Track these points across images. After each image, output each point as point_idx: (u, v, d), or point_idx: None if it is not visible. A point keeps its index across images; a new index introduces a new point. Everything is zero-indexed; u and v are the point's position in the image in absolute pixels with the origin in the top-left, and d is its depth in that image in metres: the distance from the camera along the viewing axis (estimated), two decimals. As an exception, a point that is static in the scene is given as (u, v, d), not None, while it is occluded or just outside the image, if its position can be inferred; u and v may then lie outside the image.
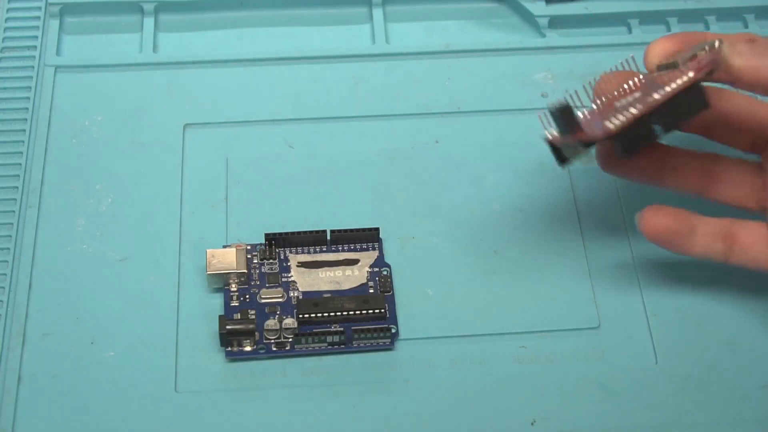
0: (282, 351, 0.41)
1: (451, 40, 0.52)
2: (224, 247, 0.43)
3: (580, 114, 0.39)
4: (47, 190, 0.46)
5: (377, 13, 0.53)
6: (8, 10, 0.52)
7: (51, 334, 0.42)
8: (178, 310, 0.43)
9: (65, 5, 0.52)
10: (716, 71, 0.37)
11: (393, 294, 0.43)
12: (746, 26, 0.53)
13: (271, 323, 0.42)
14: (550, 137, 0.39)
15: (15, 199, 0.45)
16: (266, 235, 0.44)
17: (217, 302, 0.43)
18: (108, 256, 0.44)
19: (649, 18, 0.53)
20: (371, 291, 0.43)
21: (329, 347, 0.41)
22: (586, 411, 0.40)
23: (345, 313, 0.41)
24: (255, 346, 0.41)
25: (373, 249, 0.44)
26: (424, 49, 0.51)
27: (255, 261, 0.43)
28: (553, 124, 0.39)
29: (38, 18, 0.52)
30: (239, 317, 0.41)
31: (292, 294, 0.43)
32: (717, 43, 0.37)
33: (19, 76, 0.49)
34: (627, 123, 0.38)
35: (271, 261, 0.43)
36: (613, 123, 0.38)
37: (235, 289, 0.43)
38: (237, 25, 0.53)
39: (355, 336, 0.41)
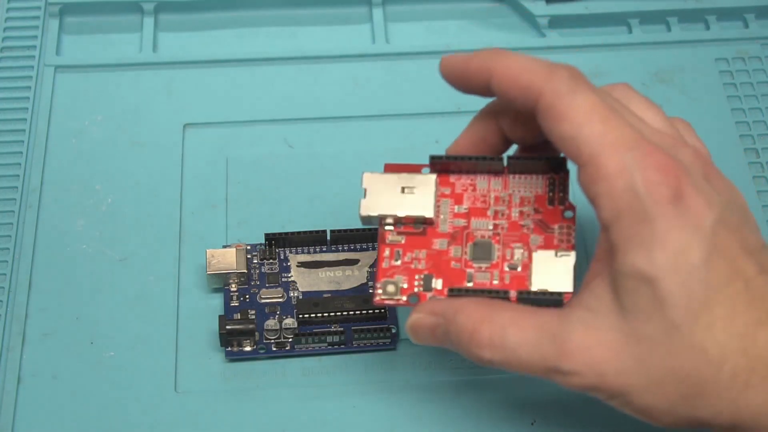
0: (282, 351, 0.41)
1: (451, 40, 0.52)
2: (224, 247, 0.43)
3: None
4: (47, 190, 0.46)
5: (377, 13, 0.53)
6: (8, 9, 0.52)
7: (51, 334, 0.42)
8: (178, 310, 0.43)
9: (65, 5, 0.52)
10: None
11: (393, 294, 0.43)
12: (746, 26, 0.53)
13: (271, 323, 0.42)
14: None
15: (15, 199, 0.45)
16: (266, 235, 0.43)
17: (217, 302, 0.43)
18: (108, 256, 0.44)
19: (649, 18, 0.53)
20: (371, 291, 0.43)
21: (329, 347, 0.41)
22: (586, 412, 0.40)
23: (345, 313, 0.41)
24: (255, 346, 0.41)
25: (373, 249, 0.44)
26: (424, 49, 0.51)
27: (255, 261, 0.43)
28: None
29: (38, 18, 0.52)
30: (239, 317, 0.41)
31: (292, 294, 0.43)
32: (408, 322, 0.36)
33: (19, 76, 0.49)
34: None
35: (271, 261, 0.43)
36: (379, 296, 0.37)
37: (235, 289, 0.43)
38: (237, 25, 0.53)
39: (355, 336, 0.41)
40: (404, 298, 0.37)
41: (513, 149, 0.40)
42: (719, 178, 0.35)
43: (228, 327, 0.41)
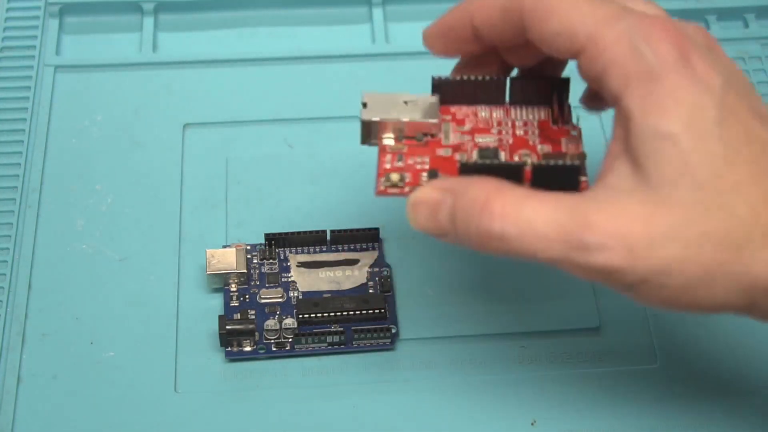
0: (282, 351, 0.41)
1: (451, 40, 0.52)
2: (224, 247, 0.43)
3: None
4: (47, 190, 0.46)
5: (377, 13, 0.53)
6: (8, 9, 0.52)
7: (50, 335, 0.42)
8: (178, 310, 0.43)
9: (65, 5, 0.52)
10: None
11: (393, 294, 0.43)
12: (746, 26, 0.53)
13: (271, 323, 0.41)
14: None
15: (15, 199, 0.45)
16: (266, 235, 0.43)
17: (217, 302, 0.43)
18: (108, 256, 0.44)
19: (649, 18, 0.53)
20: (371, 291, 0.43)
21: (329, 347, 0.41)
22: (586, 411, 0.40)
23: (345, 313, 0.41)
24: (255, 346, 0.41)
25: (373, 249, 0.44)
26: (424, 49, 0.51)
27: (255, 261, 0.43)
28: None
29: (38, 18, 0.52)
30: (239, 317, 0.41)
31: (291, 294, 0.42)
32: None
33: (19, 75, 0.49)
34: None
35: (271, 261, 0.43)
36: (382, 185, 0.35)
37: (235, 289, 0.43)
38: (237, 25, 0.53)
39: (355, 336, 0.41)
40: (408, 189, 0.34)
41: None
42: (722, 53, 0.34)
43: (228, 327, 0.41)
